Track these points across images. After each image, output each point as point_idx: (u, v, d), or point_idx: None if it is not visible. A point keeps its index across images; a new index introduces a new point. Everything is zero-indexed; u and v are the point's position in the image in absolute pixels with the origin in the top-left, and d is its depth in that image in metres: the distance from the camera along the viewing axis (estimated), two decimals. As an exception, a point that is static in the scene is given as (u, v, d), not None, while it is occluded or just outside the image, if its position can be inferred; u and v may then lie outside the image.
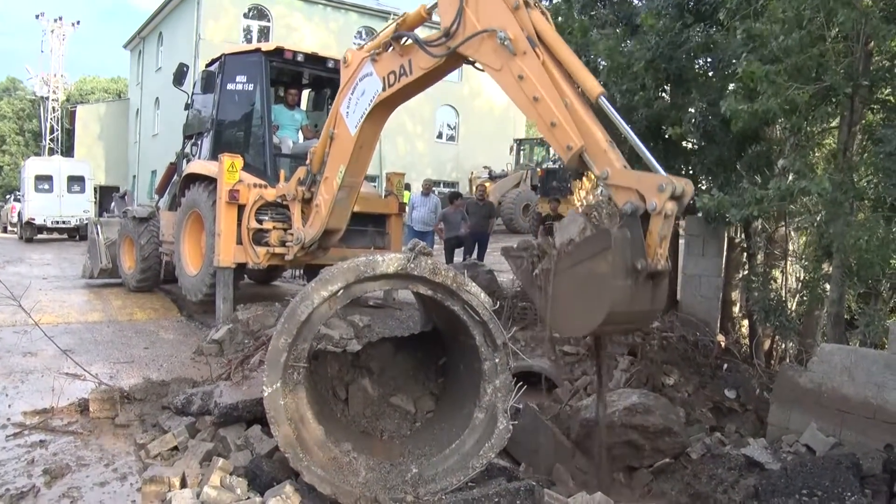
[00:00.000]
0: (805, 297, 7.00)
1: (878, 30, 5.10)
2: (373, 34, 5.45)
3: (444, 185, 28.40)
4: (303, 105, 9.92)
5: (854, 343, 6.12)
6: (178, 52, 26.20)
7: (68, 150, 36.67)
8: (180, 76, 9.27)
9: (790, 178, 5.99)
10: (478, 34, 4.45)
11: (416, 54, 5.16)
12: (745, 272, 7.69)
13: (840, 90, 5.37)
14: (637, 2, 7.79)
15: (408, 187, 15.48)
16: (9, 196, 33.66)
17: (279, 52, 8.58)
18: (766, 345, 7.41)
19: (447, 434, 4.43)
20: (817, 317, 6.96)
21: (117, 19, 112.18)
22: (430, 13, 5.23)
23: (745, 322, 7.86)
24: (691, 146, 7.28)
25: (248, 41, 26.03)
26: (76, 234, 22.87)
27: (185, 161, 9.73)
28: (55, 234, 23.65)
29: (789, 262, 7.50)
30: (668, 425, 5.07)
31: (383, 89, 5.55)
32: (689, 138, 7.08)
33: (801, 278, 7.33)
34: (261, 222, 7.67)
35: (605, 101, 3.99)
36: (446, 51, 4.78)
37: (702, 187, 7.31)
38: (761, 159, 6.79)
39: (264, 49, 8.62)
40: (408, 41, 5.25)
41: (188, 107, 9.90)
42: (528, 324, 7.55)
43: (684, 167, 7.27)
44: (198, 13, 25.86)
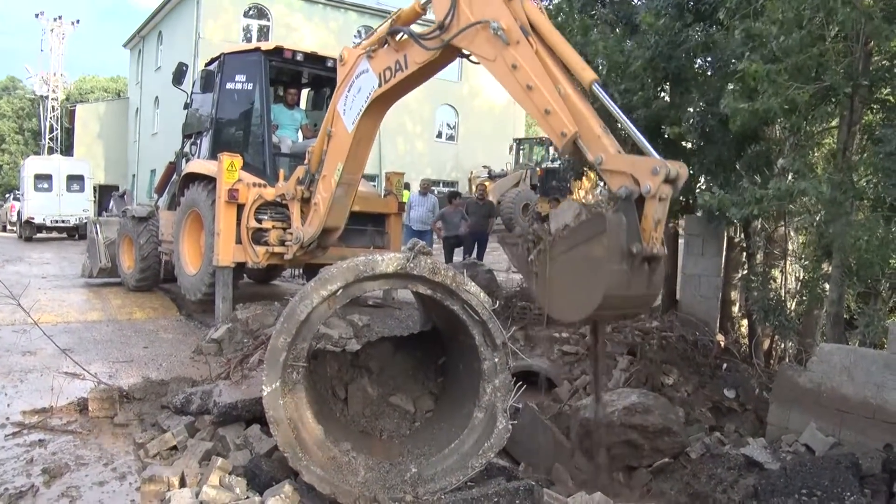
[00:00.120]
0: (804, 297, 7.00)
1: (880, 30, 5.09)
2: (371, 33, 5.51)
3: (443, 184, 28.40)
4: (302, 104, 9.92)
5: (853, 343, 6.11)
6: (178, 52, 26.20)
7: (68, 149, 36.66)
8: (180, 75, 9.27)
9: (789, 178, 5.99)
10: (472, 25, 4.47)
11: (412, 49, 5.17)
12: (745, 272, 7.69)
13: (840, 90, 5.36)
14: (637, 2, 7.79)
15: (407, 187, 15.46)
16: (8, 195, 33.67)
17: (278, 51, 8.57)
18: (766, 344, 7.41)
19: (446, 434, 4.43)
20: (817, 316, 6.96)
21: (117, 18, 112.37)
22: (424, 8, 5.24)
23: (745, 322, 7.86)
24: (690, 146, 7.28)
25: (248, 40, 26.01)
26: (75, 233, 22.86)
27: (184, 160, 9.72)
28: (54, 234, 23.64)
29: (789, 262, 7.50)
30: (667, 425, 5.07)
31: (379, 85, 5.56)
32: (689, 138, 7.08)
33: (801, 278, 7.33)
34: (260, 221, 7.67)
35: (599, 87, 3.99)
36: (440, 43, 4.79)
37: (701, 187, 7.31)
38: (761, 159, 6.79)
39: (264, 48, 8.62)
40: (403, 36, 5.26)
41: (187, 106, 9.89)
42: (528, 323, 7.54)
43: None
44: (197, 12, 25.87)
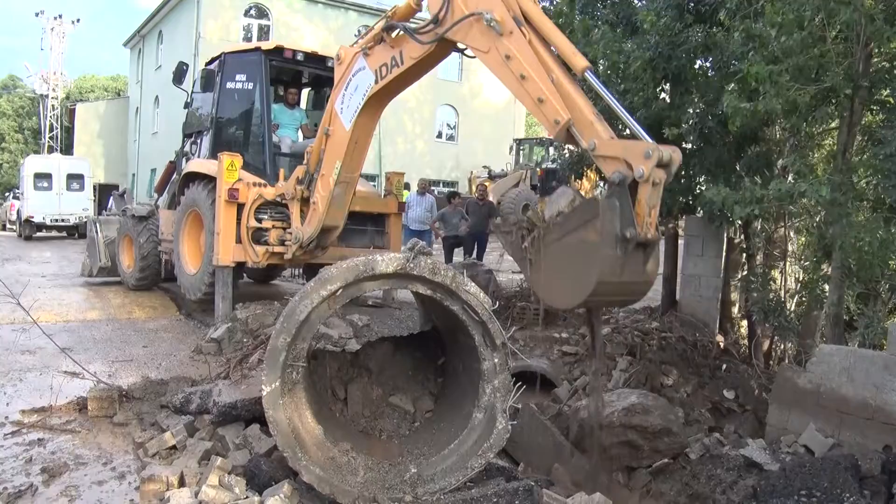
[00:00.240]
0: (804, 298, 7.01)
1: (882, 31, 5.09)
2: (370, 33, 5.55)
3: (443, 184, 28.40)
4: (302, 104, 9.92)
5: (853, 344, 6.12)
6: (178, 51, 26.19)
7: (68, 148, 36.61)
8: (180, 75, 9.26)
9: (790, 178, 5.99)
10: (465, 18, 4.50)
11: (407, 44, 5.20)
12: (745, 273, 7.69)
13: (840, 91, 5.37)
14: (637, 2, 7.79)
15: (407, 187, 15.44)
16: (8, 194, 33.65)
17: (279, 50, 8.56)
18: (765, 345, 7.41)
19: (446, 434, 4.43)
20: (816, 317, 6.96)
21: (117, 17, 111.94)
22: (419, 4, 5.26)
23: (744, 322, 7.87)
24: (691, 147, 7.28)
25: (248, 40, 25.99)
26: (75, 232, 22.84)
27: (184, 160, 9.71)
28: (54, 232, 23.62)
29: (788, 263, 7.50)
30: (666, 426, 5.07)
31: (376, 82, 5.59)
32: (688, 139, 7.08)
33: (801, 279, 7.33)
34: (260, 221, 7.66)
35: (591, 74, 4.00)
36: (435, 37, 4.83)
37: (702, 188, 7.31)
38: (761, 160, 6.79)
39: (264, 48, 8.61)
40: (399, 32, 5.29)
41: (188, 105, 9.88)
42: (528, 323, 7.55)
43: (684, 168, 7.27)
44: (198, 12, 25.86)
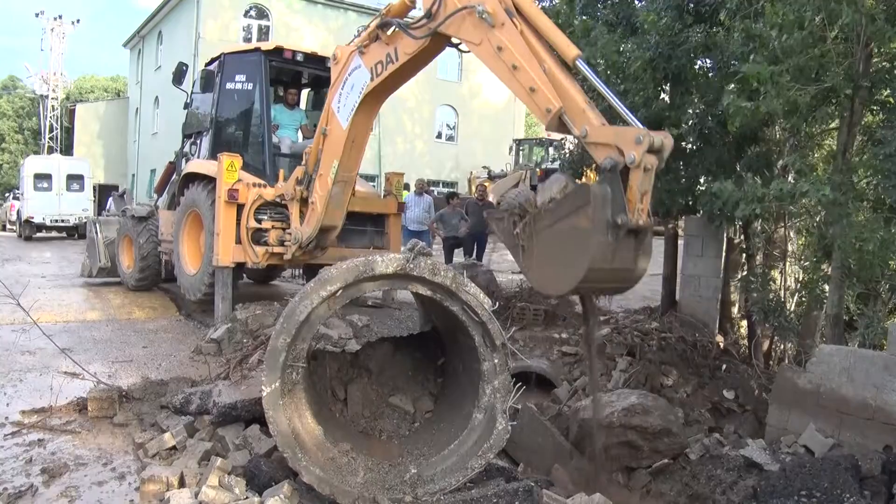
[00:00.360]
0: (804, 298, 7.00)
1: (883, 31, 5.09)
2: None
3: (443, 185, 28.40)
4: (302, 104, 9.92)
5: (853, 344, 6.12)
6: (178, 51, 26.19)
7: (67, 149, 36.64)
8: (180, 75, 9.26)
9: (790, 178, 5.99)
10: (458, 11, 4.53)
11: (402, 41, 5.24)
12: (745, 273, 7.69)
13: (840, 91, 5.36)
14: (637, 2, 7.79)
15: (407, 187, 15.43)
16: (8, 194, 33.64)
17: (278, 51, 8.56)
18: (765, 345, 7.41)
19: (446, 434, 4.43)
20: (816, 318, 6.96)
21: (117, 18, 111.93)
22: (413, 1, 5.29)
23: (744, 323, 7.87)
24: (691, 147, 7.28)
25: (248, 40, 25.99)
26: (75, 232, 22.83)
27: (184, 160, 9.71)
28: (54, 233, 23.62)
29: (788, 263, 7.50)
30: (666, 426, 5.07)
31: (371, 79, 5.62)
32: (688, 139, 7.07)
33: (800, 279, 7.33)
34: (260, 222, 7.66)
35: (582, 62, 4.02)
36: (428, 31, 4.86)
37: (702, 188, 7.31)
38: (761, 160, 6.79)
39: (264, 48, 8.61)
40: (393, 29, 5.31)
41: (187, 106, 9.88)
42: (527, 324, 7.55)
43: (684, 168, 7.28)
44: (197, 12, 25.86)
